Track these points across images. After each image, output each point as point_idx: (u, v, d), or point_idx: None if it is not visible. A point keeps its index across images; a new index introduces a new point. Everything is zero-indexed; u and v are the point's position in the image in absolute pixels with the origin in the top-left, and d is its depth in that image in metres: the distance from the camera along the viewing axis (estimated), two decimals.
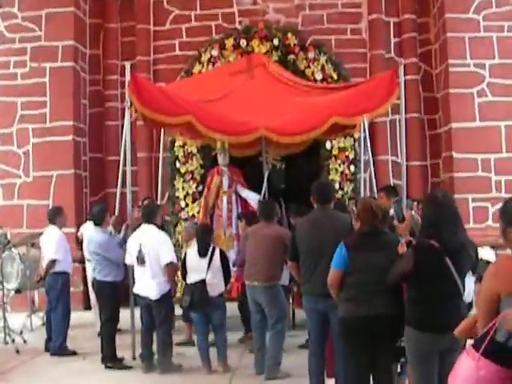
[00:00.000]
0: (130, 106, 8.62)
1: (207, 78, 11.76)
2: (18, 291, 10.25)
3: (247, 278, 7.66)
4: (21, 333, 9.62)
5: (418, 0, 13.33)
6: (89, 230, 8.69)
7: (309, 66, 12.72)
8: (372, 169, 10.28)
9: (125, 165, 8.89)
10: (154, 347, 7.87)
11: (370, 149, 10.10)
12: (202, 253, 7.70)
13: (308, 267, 6.30)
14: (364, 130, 9.64)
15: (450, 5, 12.32)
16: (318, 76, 12.61)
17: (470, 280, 5.22)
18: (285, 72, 10.99)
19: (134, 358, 8.23)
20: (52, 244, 9.02)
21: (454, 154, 12.11)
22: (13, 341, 9.31)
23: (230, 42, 12.94)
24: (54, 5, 12.63)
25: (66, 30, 12.69)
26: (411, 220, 5.84)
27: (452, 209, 4.86)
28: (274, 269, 7.44)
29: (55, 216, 9.26)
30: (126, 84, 8.50)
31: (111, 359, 8.06)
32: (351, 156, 12.51)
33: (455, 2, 12.33)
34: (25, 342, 9.42)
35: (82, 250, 10.23)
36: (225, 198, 10.12)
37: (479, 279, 4.91)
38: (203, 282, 7.58)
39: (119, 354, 8.16)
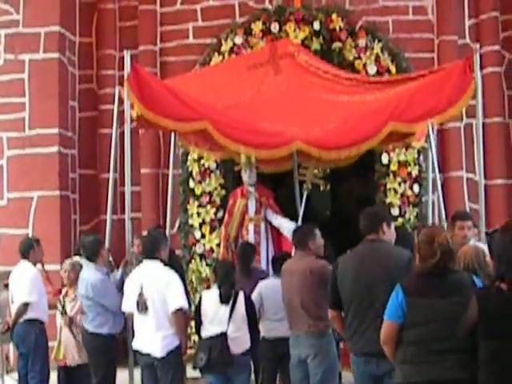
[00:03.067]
0: (131, 107, 8.68)
1: (222, 71, 11.53)
2: None
3: (292, 327, 7.62)
4: None
5: None
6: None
7: (359, 57, 12.64)
8: (440, 190, 10.18)
9: (122, 184, 8.93)
10: None
11: (438, 164, 10.00)
12: (225, 298, 7.68)
13: (353, 318, 6.27)
14: (431, 140, 9.56)
15: None
16: (372, 69, 12.55)
17: None
18: (321, 63, 10.83)
19: None
20: (24, 283, 9.07)
21: None
22: None
23: (257, 27, 12.92)
24: None
25: (50, 12, 12.79)
26: None
27: None
28: (317, 314, 7.37)
29: (28, 249, 9.32)
30: (125, 79, 8.56)
31: None
32: (414, 173, 12.40)
33: None
34: None
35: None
36: (251, 227, 10.11)
37: None
38: (224, 335, 7.56)
39: None
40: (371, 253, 6.33)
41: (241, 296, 7.75)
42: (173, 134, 10.98)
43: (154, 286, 7.60)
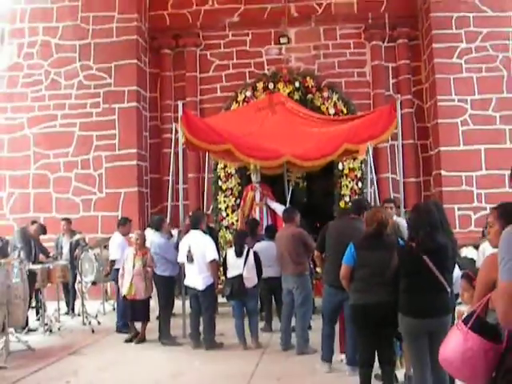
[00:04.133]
0: (182, 136, 8.69)
1: (238, 113, 11.75)
2: (93, 283, 10.30)
3: (283, 270, 7.64)
4: (96, 316, 9.82)
5: (411, 48, 13.25)
6: (150, 235, 8.73)
7: (324, 103, 12.70)
8: (375, 185, 10.17)
9: (177, 183, 8.95)
10: (201, 328, 7.91)
11: (373, 168, 10.00)
12: (238, 253, 7.71)
13: (329, 261, 6.40)
14: (369, 154, 9.55)
15: (437, 51, 12.29)
16: (331, 111, 12.59)
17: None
18: (300, 108, 10.84)
19: (184, 337, 8.27)
20: (113, 247, 9.15)
21: (443, 172, 12.04)
22: (89, 323, 9.49)
23: (260, 85, 12.99)
24: (121, 58, 12.79)
25: (131, 77, 12.84)
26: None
27: (432, 215, 4.80)
28: (298, 261, 7.40)
29: (120, 224, 9.44)
30: (179, 118, 8.58)
31: (166, 337, 8.11)
32: (359, 174, 12.43)
33: (442, 49, 12.27)
34: (99, 323, 9.58)
35: None
36: (257, 209, 10.11)
37: (465, 275, 4.82)
38: (240, 276, 7.58)
39: (173, 333, 8.22)
40: (349, 224, 6.46)
41: (251, 251, 7.78)
42: (207, 152, 11.05)
43: (197, 246, 7.68)
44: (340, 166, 12.42)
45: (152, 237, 8.56)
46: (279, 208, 9.63)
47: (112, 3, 12.91)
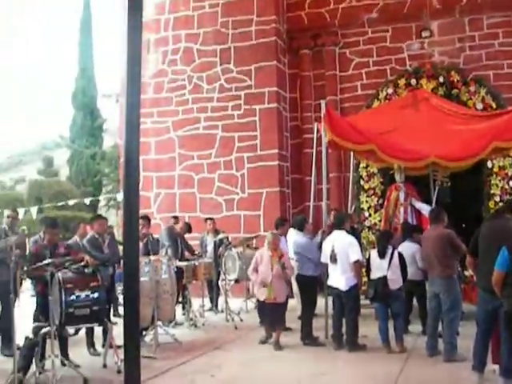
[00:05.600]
0: (325, 135, 8.70)
1: (380, 111, 11.50)
2: (236, 281, 10.67)
3: (429, 272, 7.43)
4: (238, 313, 10.05)
5: None
6: (292, 235, 8.83)
7: (471, 98, 12.13)
8: None
9: (318, 183, 8.97)
10: (343, 329, 7.85)
11: None
12: (381, 254, 7.61)
13: (481, 264, 6.03)
14: None
15: None
16: (479, 106, 11.98)
17: None
18: (446, 103, 10.41)
19: (326, 338, 8.26)
20: None
21: None
22: (232, 319, 9.75)
23: (402, 82, 12.71)
24: (261, 60, 13.08)
25: (271, 79, 13.08)
26: None
27: None
28: (445, 263, 7.14)
29: (279, 225, 9.22)
30: (322, 118, 8.60)
31: (308, 337, 8.13)
32: (510, 173, 11.75)
33: None
34: (241, 320, 9.82)
35: None
36: (402, 209, 9.92)
37: None
38: (384, 278, 7.47)
39: (315, 333, 8.22)
40: (504, 225, 6.03)
41: (396, 253, 7.65)
42: (351, 152, 11.00)
43: (341, 246, 7.65)
44: (489, 165, 11.80)
45: (295, 237, 8.64)
46: (425, 208, 9.38)
47: (250, 7, 13.24)
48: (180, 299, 9.83)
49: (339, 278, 7.67)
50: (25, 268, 7.05)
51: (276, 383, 6.52)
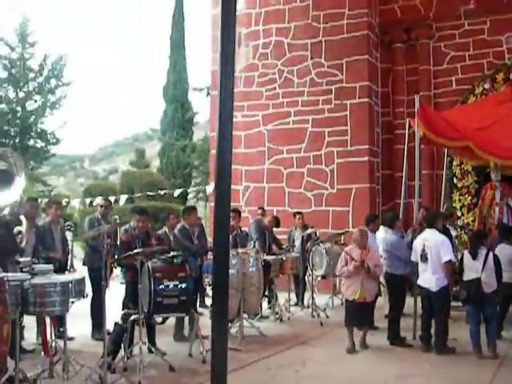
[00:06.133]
0: (418, 130, 8.49)
1: (476, 107, 11.20)
2: (323, 277, 10.62)
3: None
4: (324, 310, 10.01)
5: None
6: (382, 232, 8.68)
7: None
8: None
9: (409, 180, 8.76)
10: (432, 331, 7.65)
11: None
12: (474, 255, 7.36)
13: None
14: None
15: None
16: None
17: None
18: None
19: (414, 338, 8.07)
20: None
21: None
22: (318, 315, 9.72)
23: (500, 76, 12.25)
24: (352, 54, 12.95)
25: (362, 73, 12.93)
26: None
27: None
28: None
29: (370, 221, 9.08)
30: (416, 112, 8.41)
31: (395, 337, 7.96)
32: None
33: None
34: (327, 317, 9.75)
35: None
36: (497, 209, 9.57)
37: None
38: (477, 280, 7.22)
39: (402, 333, 8.05)
40: None
41: (491, 254, 7.38)
42: (445, 148, 10.72)
43: (433, 245, 7.46)
44: None
45: (385, 234, 8.52)
46: None
47: (342, 0, 13.11)
48: (266, 293, 9.88)
49: (430, 278, 7.47)
50: (115, 256, 7.24)
51: (360, 383, 6.42)
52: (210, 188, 14.74)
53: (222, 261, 2.81)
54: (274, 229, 10.64)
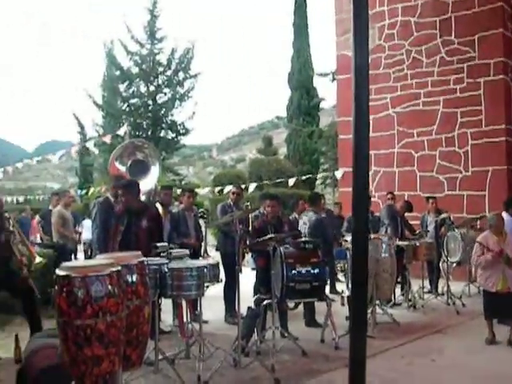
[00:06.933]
0: None
1: None
2: (458, 264, 10.25)
3: None
4: (460, 298, 9.70)
5: None
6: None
7: None
8: None
9: None
10: None
11: None
12: None
13: None
14: None
15: None
16: None
17: None
18: None
19: None
20: None
21: None
22: (453, 303, 9.40)
23: None
24: (485, 28, 12.34)
25: (497, 48, 12.30)
26: None
27: None
28: None
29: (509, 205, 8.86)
30: None
31: None
32: None
33: None
34: (463, 305, 9.42)
35: None
36: None
37: None
38: None
39: None
40: None
41: None
42: None
43: None
44: None
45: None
46: None
47: None
48: (399, 279, 9.69)
49: None
50: (247, 242, 7.40)
51: (499, 376, 6.08)
52: (339, 173, 14.65)
53: (360, 248, 2.78)
54: (406, 214, 10.41)
